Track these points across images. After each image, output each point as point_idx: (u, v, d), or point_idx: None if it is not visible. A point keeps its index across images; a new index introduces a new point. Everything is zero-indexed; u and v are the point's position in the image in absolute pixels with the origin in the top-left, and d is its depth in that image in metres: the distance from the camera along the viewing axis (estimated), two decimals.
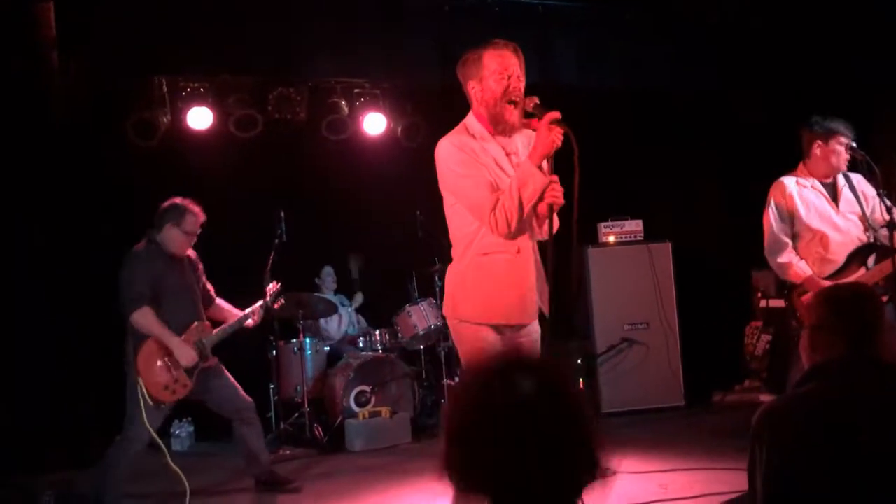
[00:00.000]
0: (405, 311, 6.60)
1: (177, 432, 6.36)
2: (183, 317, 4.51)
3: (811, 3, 6.44)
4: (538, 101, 3.06)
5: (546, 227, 3.08)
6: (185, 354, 4.41)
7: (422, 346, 6.81)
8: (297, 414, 6.30)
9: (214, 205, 4.96)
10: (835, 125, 4.35)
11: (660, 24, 6.85)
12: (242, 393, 4.76)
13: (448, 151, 3.15)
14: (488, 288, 3.13)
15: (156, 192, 6.30)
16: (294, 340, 6.49)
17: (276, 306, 5.15)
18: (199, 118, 6.41)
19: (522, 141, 3.24)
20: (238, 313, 4.81)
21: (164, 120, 6.37)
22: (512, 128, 3.15)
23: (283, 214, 6.06)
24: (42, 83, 5.66)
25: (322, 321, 7.11)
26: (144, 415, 4.27)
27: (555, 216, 3.10)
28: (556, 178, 3.05)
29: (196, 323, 4.57)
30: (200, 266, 4.81)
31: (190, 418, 6.39)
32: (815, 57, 6.60)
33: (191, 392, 4.52)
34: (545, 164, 3.05)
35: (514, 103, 3.08)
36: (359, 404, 6.17)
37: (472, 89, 3.18)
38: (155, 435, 4.34)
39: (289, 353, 6.51)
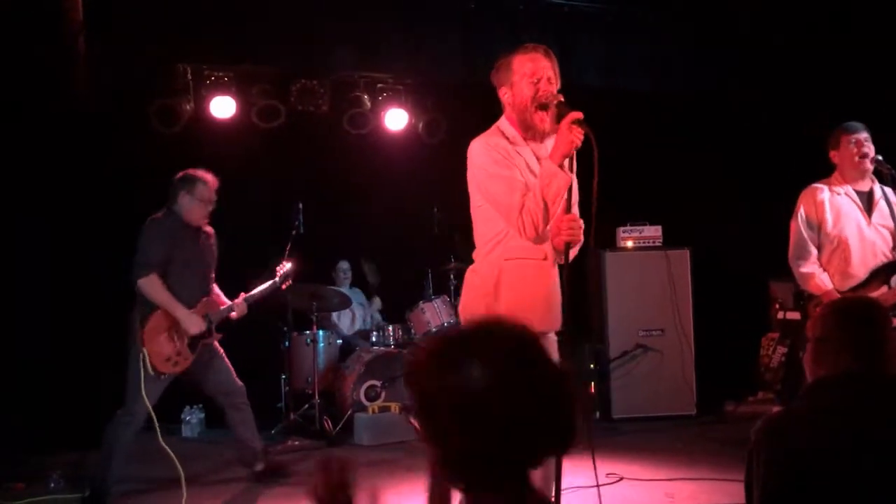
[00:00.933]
0: (419, 308, 6.60)
1: (187, 418, 6.40)
2: (192, 289, 4.56)
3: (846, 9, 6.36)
4: (562, 100, 3.03)
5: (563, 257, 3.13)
6: (193, 323, 4.47)
7: None
8: (307, 405, 6.31)
9: (234, 194, 4.99)
10: (839, 126, 4.32)
11: (684, 27, 6.80)
12: (234, 377, 4.78)
13: (481, 151, 3.10)
14: (516, 293, 3.06)
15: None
16: (307, 332, 6.51)
17: (283, 287, 5.17)
18: (222, 107, 6.45)
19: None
20: (226, 302, 4.81)
21: (187, 108, 6.41)
22: (542, 134, 3.11)
23: (301, 206, 6.08)
24: (68, 67, 5.71)
25: (334, 315, 7.13)
26: (143, 386, 4.30)
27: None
28: (575, 215, 3.07)
29: (205, 297, 4.64)
30: (215, 245, 4.81)
31: (201, 405, 6.43)
32: (847, 66, 6.53)
33: (190, 369, 4.55)
34: (566, 165, 3.01)
35: (545, 107, 3.04)
36: (369, 399, 6.18)
37: (504, 95, 3.18)
38: (151, 409, 4.36)
39: (301, 345, 6.53)
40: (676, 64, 6.83)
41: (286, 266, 5.21)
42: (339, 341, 6.89)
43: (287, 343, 6.46)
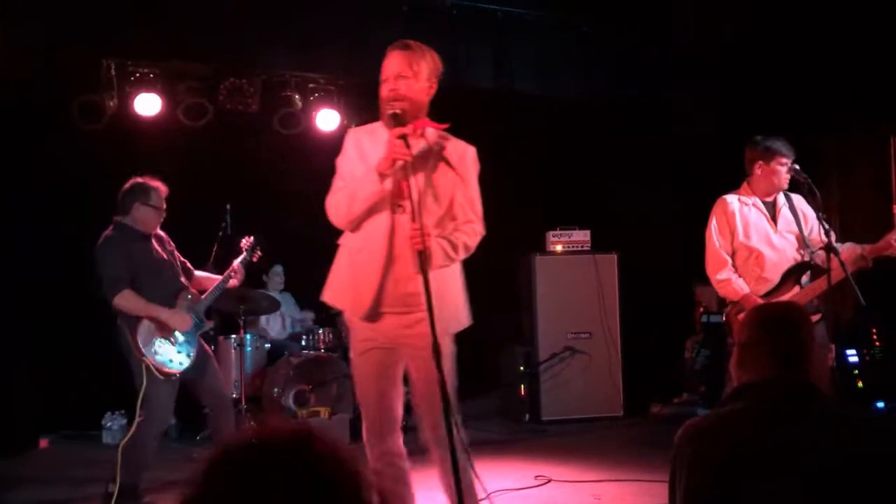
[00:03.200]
0: None
1: (108, 424, 6.21)
2: (166, 292, 4.54)
3: (767, 21, 6.57)
4: (398, 112, 3.08)
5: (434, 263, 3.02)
6: (179, 321, 4.47)
7: None
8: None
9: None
10: (776, 146, 4.39)
11: (618, 36, 6.92)
12: (223, 384, 4.86)
13: (343, 142, 3.36)
14: (333, 276, 3.33)
15: (100, 174, 6.21)
16: (234, 336, 6.38)
17: (255, 259, 5.16)
18: (147, 104, 6.27)
19: (427, 145, 3.21)
20: (219, 277, 4.85)
21: (111, 104, 6.22)
22: (398, 118, 3.10)
23: (228, 207, 5.95)
24: None
25: (263, 320, 7.01)
26: (157, 392, 4.32)
27: (440, 252, 3.05)
28: (424, 225, 2.95)
29: (182, 296, 4.61)
30: (171, 243, 4.80)
31: (123, 411, 6.25)
32: (771, 73, 6.74)
33: (189, 369, 4.52)
34: (404, 172, 2.99)
35: (395, 117, 3.08)
36: (298, 403, 6.09)
37: None
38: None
39: (228, 349, 6.39)
40: (607, 71, 6.93)
41: (250, 240, 5.18)
42: (268, 345, 6.77)
43: (213, 347, 6.31)
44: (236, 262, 4.91)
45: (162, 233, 4.75)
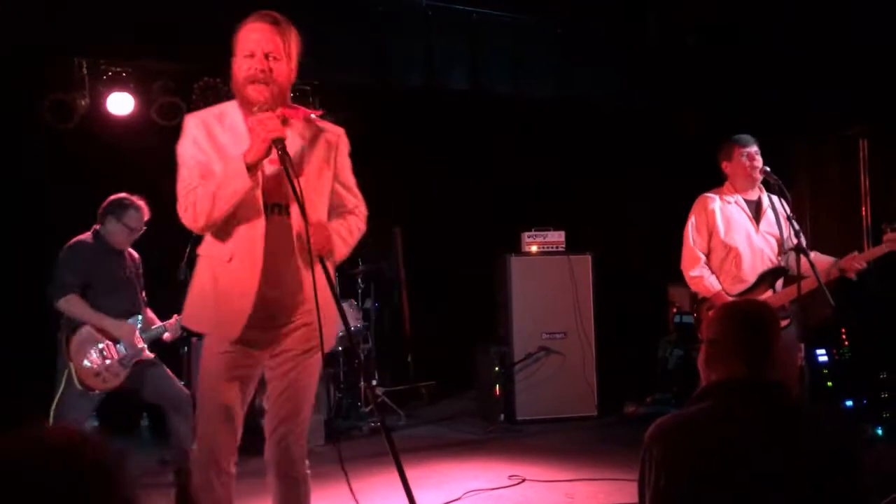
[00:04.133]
0: None
1: None
2: (121, 308, 4.51)
3: (740, 23, 6.64)
4: (268, 110, 2.64)
5: (338, 257, 2.75)
6: (124, 330, 4.42)
7: (340, 348, 6.74)
8: None
9: (132, 193, 4.83)
10: (732, 138, 4.49)
11: (593, 38, 6.96)
12: (178, 384, 4.77)
13: (184, 127, 2.82)
14: (195, 291, 2.82)
15: (72, 175, 6.15)
16: None
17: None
18: (120, 103, 6.22)
19: (297, 135, 2.82)
20: (158, 322, 4.75)
21: (82, 103, 6.15)
22: (263, 105, 2.65)
23: None
24: None
25: None
26: (66, 401, 4.25)
27: (340, 245, 2.78)
28: (322, 223, 2.66)
29: (138, 315, 4.58)
30: (140, 267, 4.79)
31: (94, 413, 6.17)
32: (743, 75, 6.81)
33: (125, 384, 4.47)
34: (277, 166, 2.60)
35: (263, 84, 2.66)
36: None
37: (233, 67, 2.78)
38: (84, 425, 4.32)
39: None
40: (582, 72, 6.98)
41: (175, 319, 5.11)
42: None
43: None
44: (174, 319, 4.73)
45: (135, 254, 4.76)
